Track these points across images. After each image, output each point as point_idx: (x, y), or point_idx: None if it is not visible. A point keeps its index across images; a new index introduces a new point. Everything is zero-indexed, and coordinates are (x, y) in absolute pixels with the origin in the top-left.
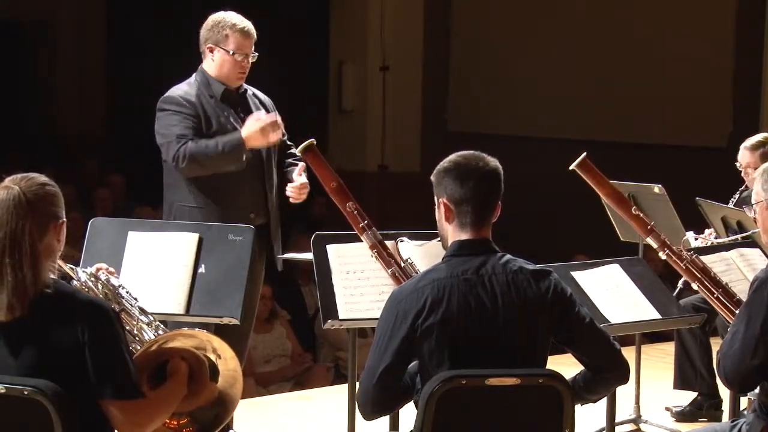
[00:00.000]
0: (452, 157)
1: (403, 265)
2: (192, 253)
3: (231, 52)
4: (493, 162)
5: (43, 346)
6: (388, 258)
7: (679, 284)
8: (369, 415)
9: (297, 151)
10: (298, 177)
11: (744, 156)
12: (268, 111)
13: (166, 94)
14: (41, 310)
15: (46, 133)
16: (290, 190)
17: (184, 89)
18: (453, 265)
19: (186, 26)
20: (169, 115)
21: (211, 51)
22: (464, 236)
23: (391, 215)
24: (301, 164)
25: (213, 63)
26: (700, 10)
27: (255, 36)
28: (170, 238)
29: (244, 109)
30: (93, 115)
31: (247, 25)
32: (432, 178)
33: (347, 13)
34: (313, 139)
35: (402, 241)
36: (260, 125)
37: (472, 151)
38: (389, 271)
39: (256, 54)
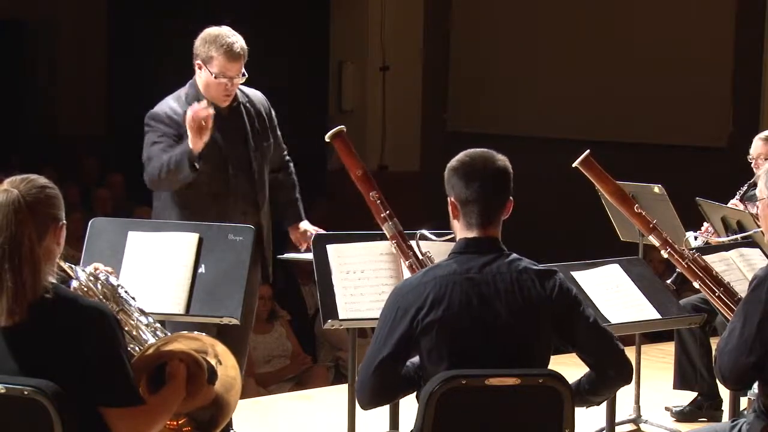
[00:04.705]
0: (461, 155)
1: (420, 257)
2: (192, 253)
3: (214, 76)
4: (501, 161)
5: (44, 352)
6: (406, 249)
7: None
8: (366, 405)
9: (327, 137)
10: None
11: (756, 147)
12: (262, 113)
13: (154, 109)
14: (42, 315)
15: (46, 133)
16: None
17: (171, 105)
18: (458, 263)
19: (186, 27)
20: (151, 132)
21: (200, 68)
22: (471, 234)
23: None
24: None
25: (201, 80)
26: (700, 10)
27: (244, 56)
28: (170, 238)
29: (234, 126)
30: (93, 116)
31: (236, 47)
32: (445, 174)
33: (347, 13)
34: (342, 126)
35: (423, 237)
36: (191, 128)
37: (481, 150)
38: (407, 262)
39: (245, 75)
